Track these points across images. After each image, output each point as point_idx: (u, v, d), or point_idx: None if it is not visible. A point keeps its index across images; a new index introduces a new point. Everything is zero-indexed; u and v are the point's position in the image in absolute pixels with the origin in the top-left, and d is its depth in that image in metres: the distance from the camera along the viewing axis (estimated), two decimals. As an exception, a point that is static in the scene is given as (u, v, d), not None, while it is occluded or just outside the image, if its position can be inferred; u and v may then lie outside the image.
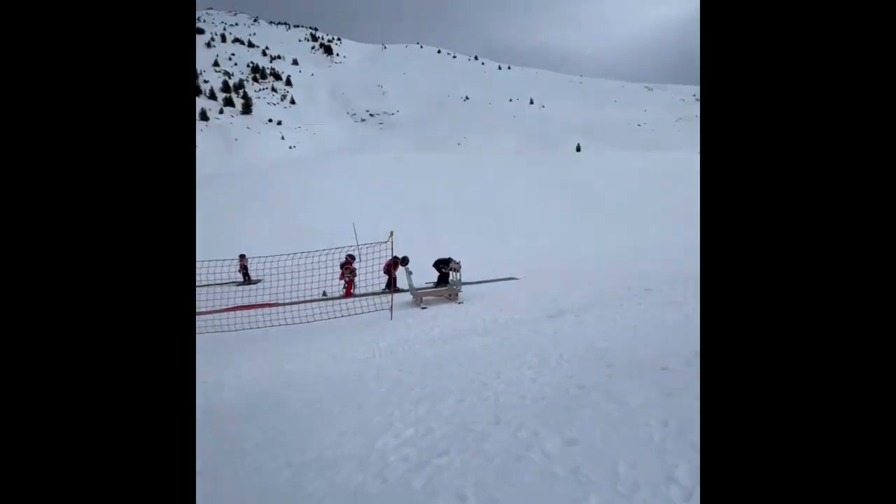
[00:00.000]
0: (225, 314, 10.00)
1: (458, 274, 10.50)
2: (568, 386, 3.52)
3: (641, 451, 2.43)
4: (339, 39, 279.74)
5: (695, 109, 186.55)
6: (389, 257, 10.66)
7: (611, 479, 2.25)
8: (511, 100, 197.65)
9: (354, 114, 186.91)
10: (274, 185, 28.10)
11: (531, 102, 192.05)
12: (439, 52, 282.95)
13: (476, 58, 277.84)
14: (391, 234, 9.70)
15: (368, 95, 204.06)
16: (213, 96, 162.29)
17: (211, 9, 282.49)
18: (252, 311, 9.82)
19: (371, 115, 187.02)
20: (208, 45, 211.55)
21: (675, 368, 3.46)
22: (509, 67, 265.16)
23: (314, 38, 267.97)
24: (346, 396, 4.43)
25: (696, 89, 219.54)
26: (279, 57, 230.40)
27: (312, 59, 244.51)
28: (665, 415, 2.76)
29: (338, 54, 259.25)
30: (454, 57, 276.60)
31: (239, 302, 11.39)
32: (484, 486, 2.41)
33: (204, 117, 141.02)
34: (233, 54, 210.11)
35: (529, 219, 23.79)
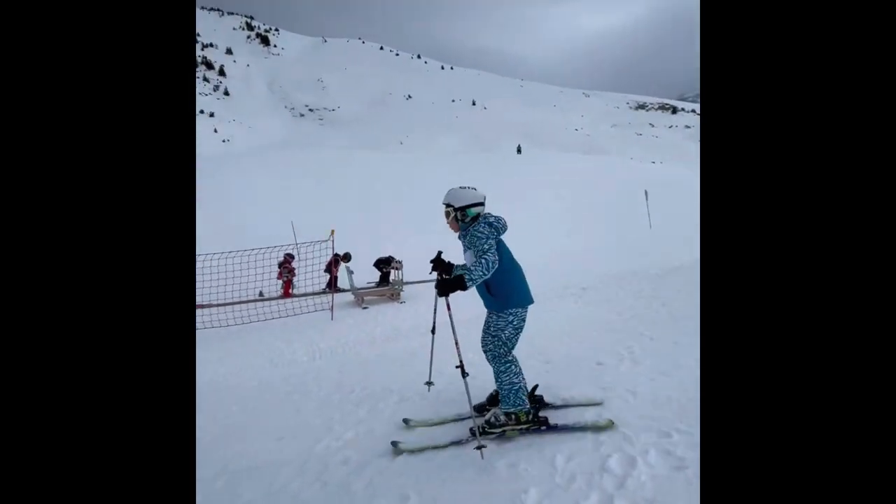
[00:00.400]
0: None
1: (399, 273, 10.46)
2: (508, 382, 3.59)
3: (577, 443, 2.53)
4: (276, 30, 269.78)
5: (628, 117, 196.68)
6: (330, 256, 10.43)
7: (549, 472, 2.33)
8: (454, 100, 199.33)
9: (293, 108, 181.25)
10: (206, 181, 26.49)
11: (473, 103, 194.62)
12: (382, 48, 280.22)
13: (419, 56, 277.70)
14: (332, 232, 9.49)
15: (308, 89, 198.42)
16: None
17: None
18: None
19: (311, 109, 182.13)
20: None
21: (608, 363, 3.63)
22: (452, 68, 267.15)
23: (250, 28, 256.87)
24: (285, 400, 4.29)
25: (630, 97, 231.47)
26: (212, 45, 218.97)
27: (248, 49, 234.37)
28: (600, 408, 2.89)
29: (275, 45, 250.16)
30: (397, 54, 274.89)
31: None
32: (426, 485, 2.42)
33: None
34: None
35: (471, 218, 23.96)
